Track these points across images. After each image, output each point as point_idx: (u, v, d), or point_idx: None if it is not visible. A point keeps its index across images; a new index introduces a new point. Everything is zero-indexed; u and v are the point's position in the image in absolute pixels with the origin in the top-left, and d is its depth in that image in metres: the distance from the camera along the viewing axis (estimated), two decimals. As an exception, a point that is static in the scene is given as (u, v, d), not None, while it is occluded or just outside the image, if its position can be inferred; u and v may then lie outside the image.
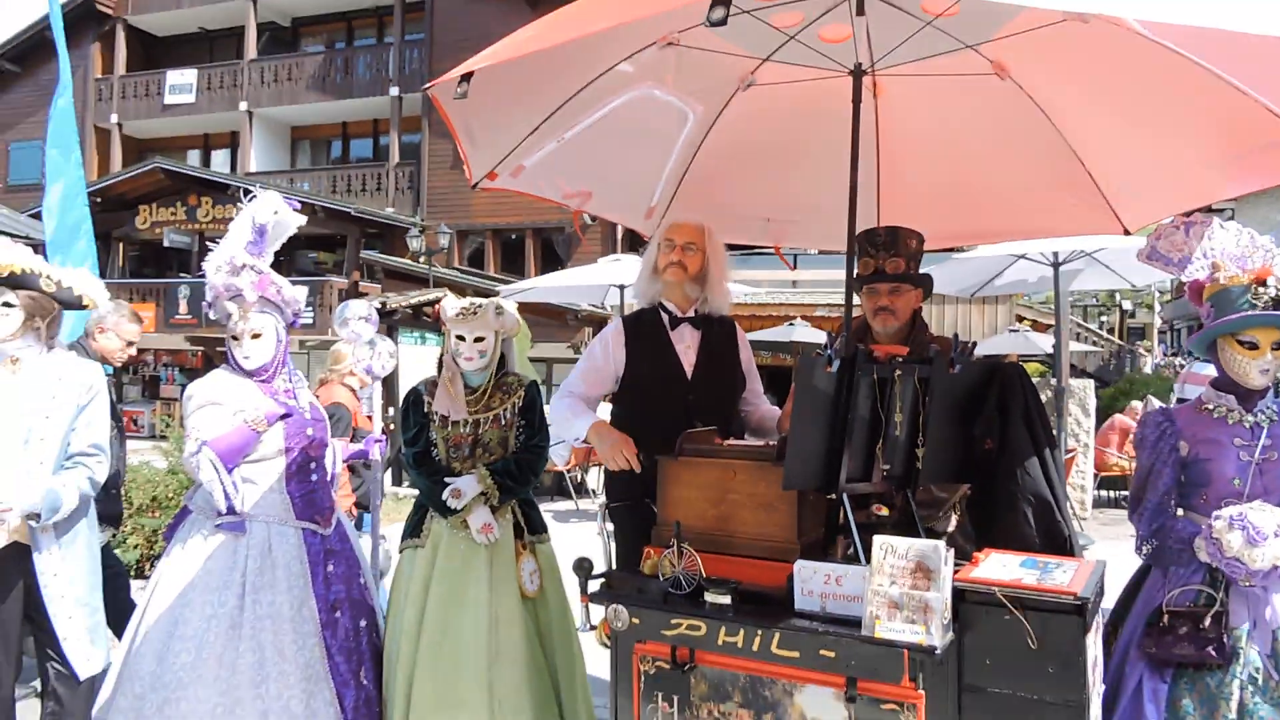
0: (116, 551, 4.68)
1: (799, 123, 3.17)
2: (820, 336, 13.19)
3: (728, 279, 3.10)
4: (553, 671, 3.19)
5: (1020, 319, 17.01)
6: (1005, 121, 2.97)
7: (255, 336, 3.14)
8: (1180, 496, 2.50)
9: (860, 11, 2.51)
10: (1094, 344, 23.98)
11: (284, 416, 3.12)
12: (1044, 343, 14.37)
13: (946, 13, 2.52)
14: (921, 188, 3.32)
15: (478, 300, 3.28)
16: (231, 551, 3.01)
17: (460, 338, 3.19)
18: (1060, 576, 1.96)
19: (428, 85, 2.44)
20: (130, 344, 4.15)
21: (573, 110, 2.86)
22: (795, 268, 4.08)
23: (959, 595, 1.97)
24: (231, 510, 3.01)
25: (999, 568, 2.05)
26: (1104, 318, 38.07)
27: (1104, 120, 2.78)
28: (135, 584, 4.88)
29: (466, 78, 2.27)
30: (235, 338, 3.13)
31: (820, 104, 2.96)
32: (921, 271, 2.94)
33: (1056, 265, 7.61)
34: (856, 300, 2.88)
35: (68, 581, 2.92)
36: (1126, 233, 2.94)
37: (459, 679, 2.95)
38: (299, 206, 3.28)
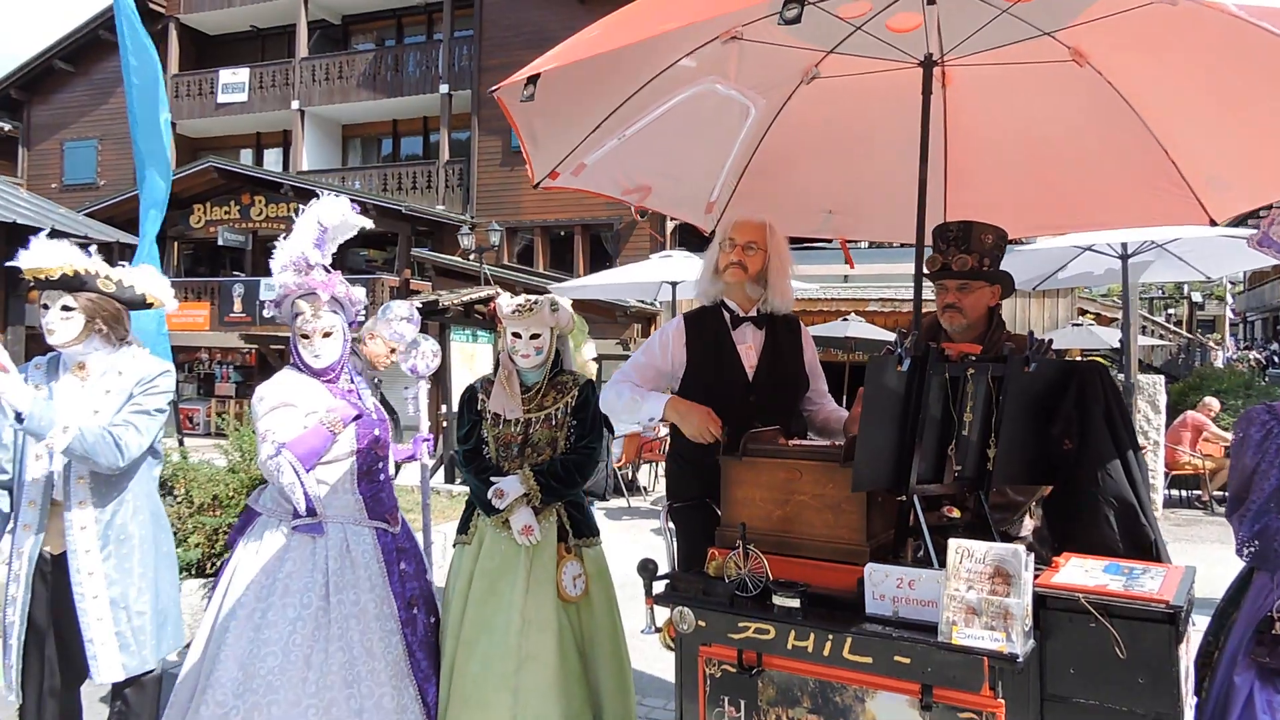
0: (178, 550, 4.77)
1: (863, 115, 3.13)
2: (874, 332, 13.05)
3: (791, 277, 3.06)
4: (594, 678, 3.19)
5: (1083, 312, 16.64)
6: (1083, 110, 2.89)
7: (326, 335, 3.18)
8: None
9: (931, 0, 2.46)
10: (1161, 338, 23.36)
11: (356, 418, 3.17)
12: (1109, 337, 14.04)
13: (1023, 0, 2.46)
14: (992, 179, 3.26)
15: (532, 297, 3.29)
16: (310, 553, 3.04)
17: (516, 335, 3.22)
18: (1149, 583, 1.91)
19: (494, 89, 2.45)
20: (394, 350, 4.30)
21: (634, 107, 2.86)
22: (854, 265, 4.00)
23: (1040, 601, 1.93)
24: (311, 512, 3.04)
25: (1081, 573, 2.00)
26: (1171, 310, 37.00)
27: (1191, 108, 2.69)
28: (197, 583, 5.01)
29: (533, 79, 2.27)
30: (306, 336, 3.16)
31: (886, 95, 2.91)
32: (995, 265, 2.87)
33: (1125, 257, 7.45)
34: (928, 295, 2.83)
35: (104, 582, 2.84)
36: (1213, 223, 2.85)
37: (486, 680, 2.98)
38: (359, 210, 3.33)
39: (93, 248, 2.93)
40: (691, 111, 3.00)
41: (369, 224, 3.34)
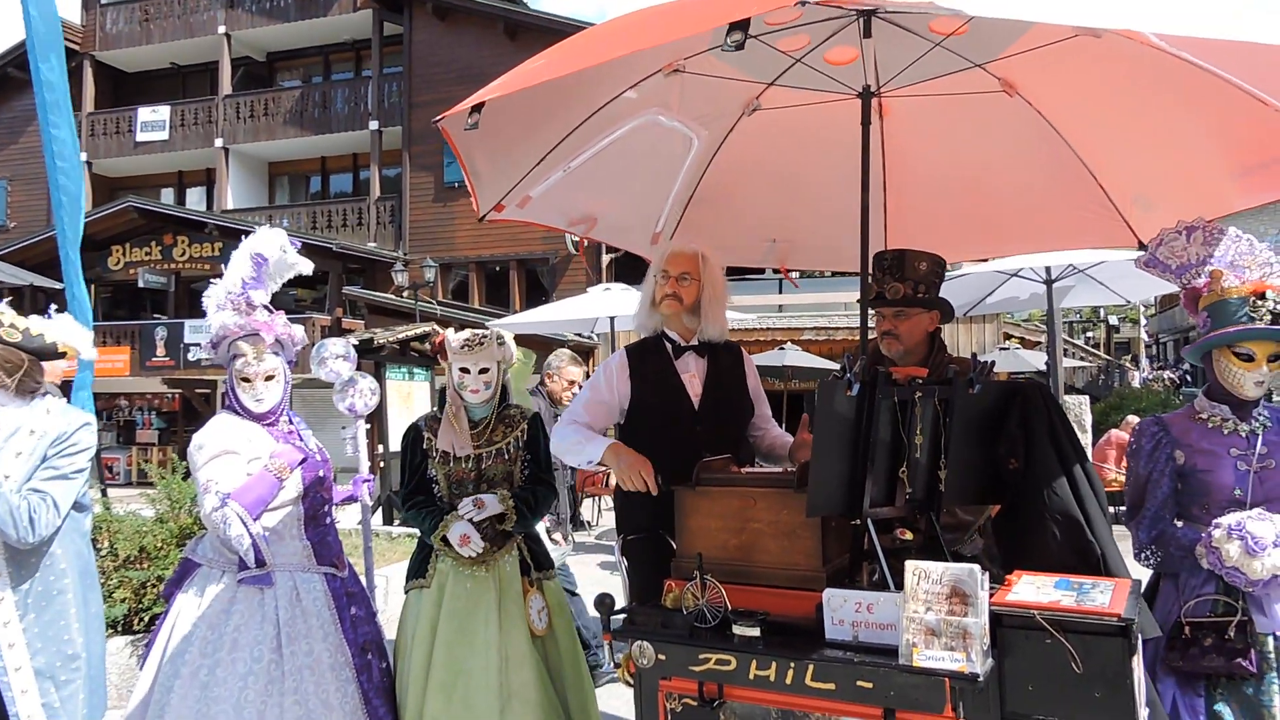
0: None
1: (804, 145, 3.20)
2: (811, 360, 13.25)
3: (726, 306, 3.09)
4: (566, 711, 3.15)
5: (1008, 336, 17.17)
6: (1014, 138, 3.00)
7: (269, 378, 3.10)
8: (1179, 505, 2.54)
9: (868, 34, 2.53)
10: (1082, 360, 24.20)
11: (302, 462, 3.08)
12: (1034, 359, 14.49)
13: (956, 33, 2.55)
14: (930, 206, 3.36)
15: (480, 331, 3.26)
16: (258, 604, 2.94)
17: (465, 370, 3.18)
18: (1099, 597, 1.94)
19: (437, 119, 2.44)
20: (572, 383, 4.44)
21: (578, 139, 2.88)
22: (797, 286, 4.12)
23: (995, 620, 1.95)
24: (260, 563, 2.94)
25: (1034, 590, 2.03)
26: (1089, 333, 38.41)
27: (1115, 133, 2.82)
28: (123, 639, 4.77)
29: (478, 108, 2.27)
30: (247, 379, 3.07)
31: (826, 126, 2.99)
32: (931, 291, 2.93)
33: (1049, 282, 7.70)
34: (873, 321, 2.88)
35: (27, 653, 2.69)
36: (1141, 245, 2.97)
37: None
38: (300, 247, 3.26)
39: (5, 299, 2.79)
40: (636, 143, 3.03)
41: (309, 266, 3.28)
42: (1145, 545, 2.54)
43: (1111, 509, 11.50)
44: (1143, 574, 2.45)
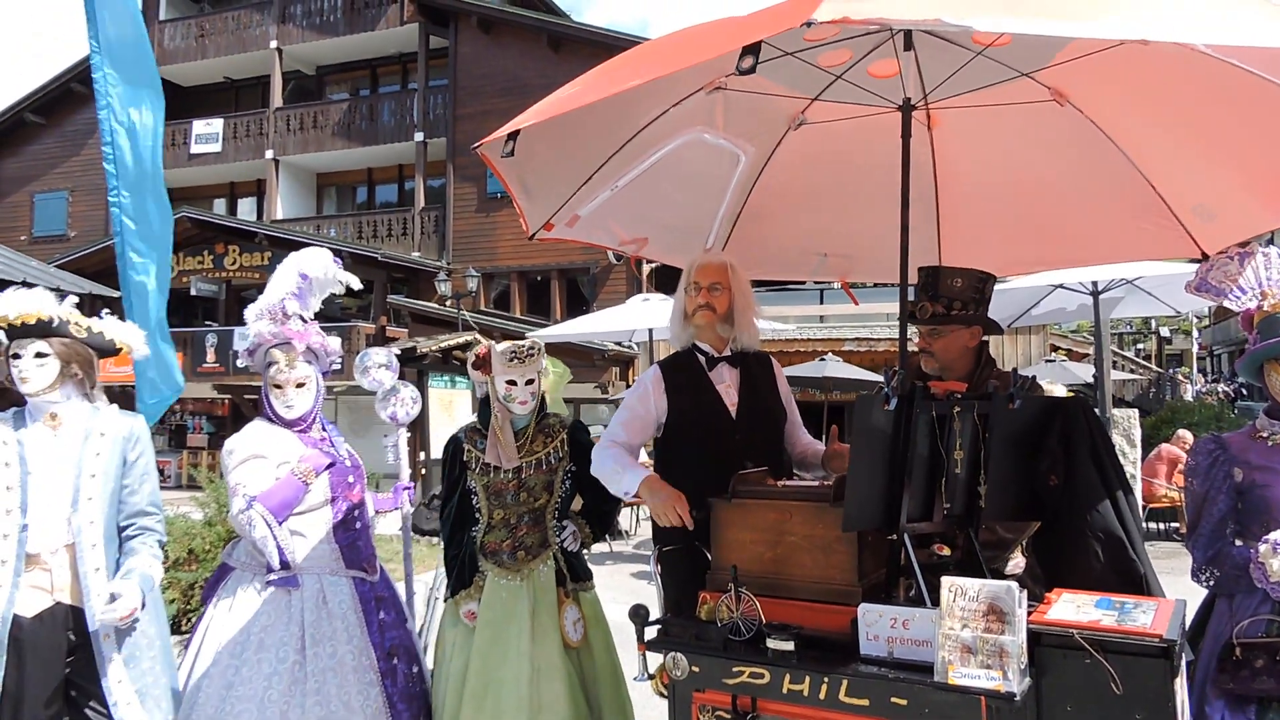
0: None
1: (852, 158, 3.18)
2: (852, 371, 13.13)
3: (756, 314, 3.10)
4: None
5: (1055, 348, 16.88)
6: (1068, 148, 2.96)
7: (300, 385, 3.17)
8: (1239, 525, 2.50)
9: (908, 46, 2.52)
10: (1132, 372, 23.70)
11: (329, 466, 3.14)
12: (1081, 372, 14.22)
13: (997, 43, 2.53)
14: (983, 218, 3.33)
15: (524, 343, 3.30)
16: (285, 606, 3.00)
17: (512, 382, 3.21)
18: (1141, 617, 1.91)
19: (476, 145, 2.48)
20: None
21: (623, 159, 2.91)
22: (858, 304, 4.10)
23: (1034, 638, 1.93)
24: (285, 565, 3.00)
25: (1073, 609, 2.00)
26: (1140, 345, 37.59)
27: (1173, 142, 2.76)
28: (174, 639, 4.88)
29: (513, 136, 2.30)
30: (279, 386, 3.15)
31: (873, 139, 2.97)
32: (969, 308, 2.90)
33: (1097, 294, 7.56)
34: (911, 333, 2.86)
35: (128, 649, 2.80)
36: (1204, 256, 2.90)
37: None
38: (341, 263, 3.33)
39: (70, 298, 2.89)
40: (682, 161, 3.05)
41: (355, 281, 3.35)
42: (1202, 565, 2.50)
43: (1159, 525, 11.25)
44: (1193, 594, 2.40)
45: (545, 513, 3.24)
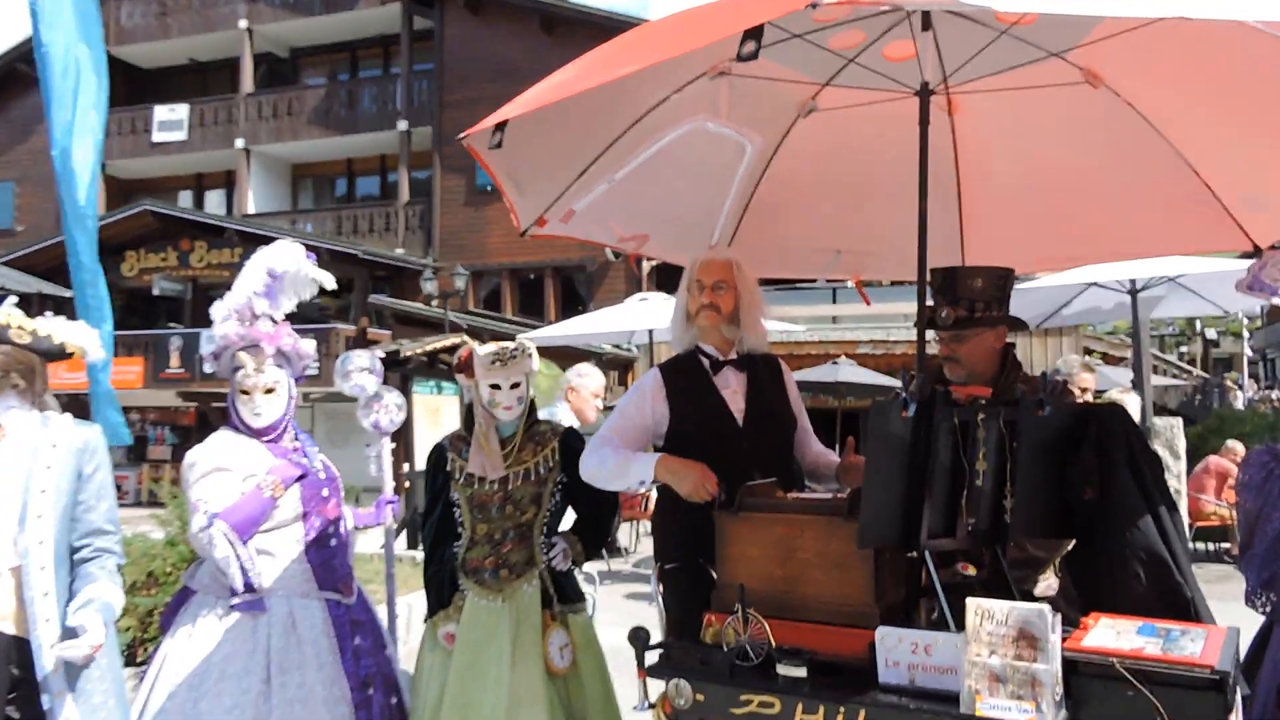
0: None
1: (869, 147, 3.19)
2: (866, 376, 13.14)
3: (763, 315, 3.11)
4: None
5: (1089, 351, 16.86)
6: (1103, 133, 2.95)
7: (269, 391, 3.17)
8: None
9: (926, 26, 2.53)
10: (1175, 378, 23.67)
11: (300, 478, 3.13)
12: (1118, 377, 14.19)
13: (1023, 20, 2.53)
14: (1010, 211, 3.33)
15: (508, 344, 3.30)
16: (250, 631, 2.98)
17: (495, 386, 3.21)
18: (1189, 645, 1.90)
19: (462, 135, 2.49)
20: (597, 395, 4.84)
21: (621, 150, 2.92)
22: (870, 304, 4.09)
23: (1069, 667, 1.91)
24: (249, 587, 2.99)
25: (1113, 635, 1.99)
26: (1184, 348, 37.53)
27: (1221, 125, 2.75)
28: (127, 672, 4.85)
29: (501, 126, 2.31)
30: (246, 392, 3.15)
31: (890, 126, 2.97)
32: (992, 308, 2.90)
33: (1135, 292, 7.56)
34: (930, 336, 2.86)
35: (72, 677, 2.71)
36: (1256, 249, 2.90)
37: None
38: (315, 260, 3.33)
39: (9, 298, 2.85)
40: (684, 152, 3.05)
41: (328, 279, 3.35)
42: (1257, 588, 2.48)
43: (1208, 545, 11.15)
44: (1247, 621, 2.39)
45: (532, 528, 3.24)
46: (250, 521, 2.99)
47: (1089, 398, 5.63)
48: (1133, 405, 5.93)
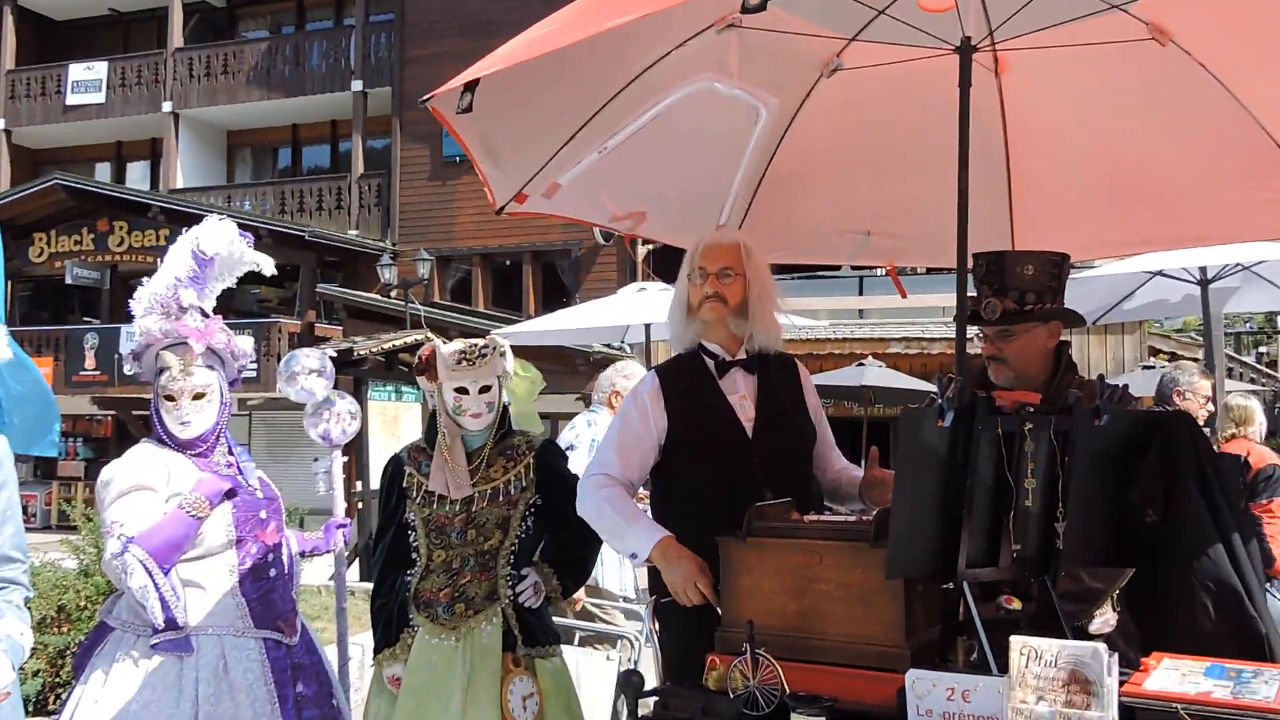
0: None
1: (903, 112, 3.20)
2: (898, 379, 13.17)
3: (776, 306, 3.11)
4: None
5: (1155, 352, 16.90)
6: (1172, 99, 2.97)
7: (198, 397, 3.17)
8: None
9: (968, -32, 2.55)
10: (1252, 381, 23.73)
11: (229, 495, 3.13)
12: (1188, 382, 14.25)
13: (1080, -36, 2.55)
14: (1064, 187, 3.35)
15: (477, 341, 3.30)
16: (175, 676, 2.98)
17: (462, 390, 3.22)
18: (1263, 689, 1.91)
19: (425, 98, 2.49)
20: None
21: (615, 114, 2.92)
22: (906, 296, 4.09)
23: (1128, 714, 1.93)
24: (172, 623, 2.98)
25: (1177, 677, 2.01)
26: (1263, 348, 37.66)
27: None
28: (33, 723, 4.87)
29: (471, 86, 2.31)
30: (171, 398, 3.15)
31: (928, 88, 2.98)
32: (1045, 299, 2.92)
33: (1206, 282, 7.58)
34: (972, 333, 2.88)
35: None
36: None
37: None
38: (253, 241, 3.33)
39: None
40: (687, 117, 3.06)
41: (268, 263, 3.35)
42: None
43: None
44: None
45: (496, 557, 3.25)
46: (171, 546, 2.99)
47: (1208, 411, 5.70)
48: (1257, 414, 6.01)
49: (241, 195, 22.77)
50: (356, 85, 21.84)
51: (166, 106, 23.11)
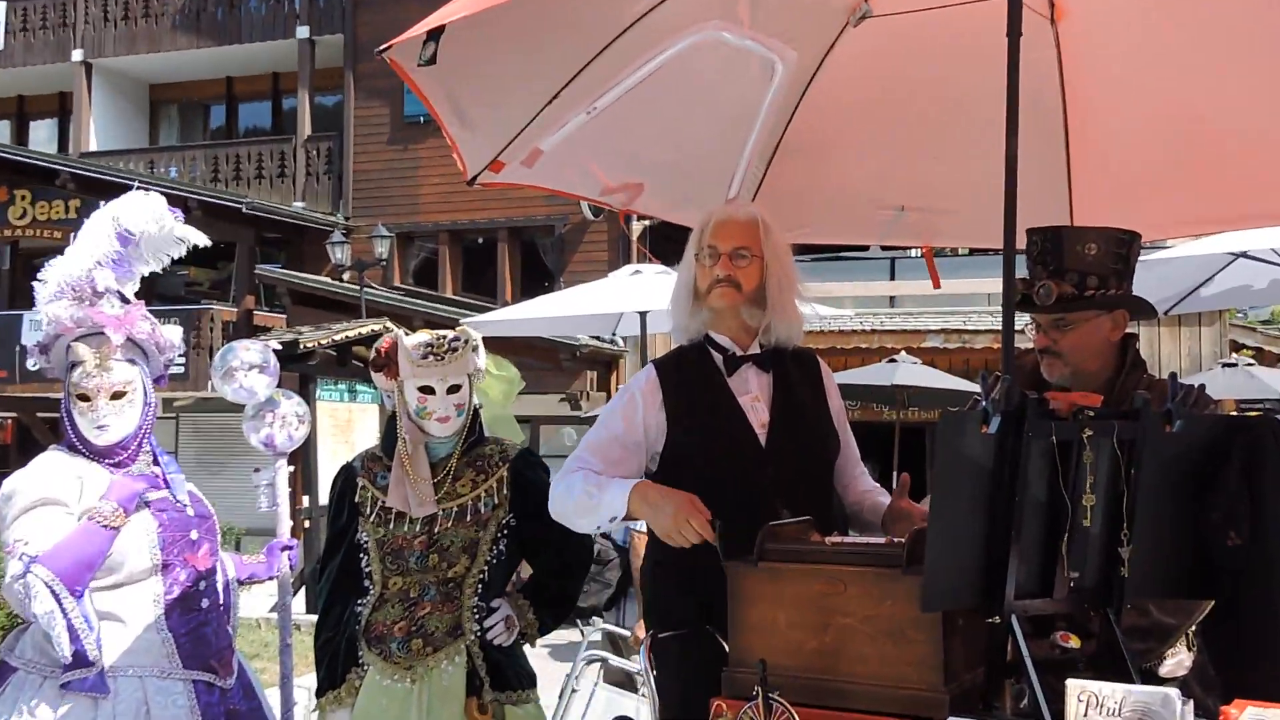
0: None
1: (942, 67, 3.21)
2: (936, 378, 13.18)
3: (798, 294, 3.11)
4: None
5: (1238, 347, 16.94)
6: (1265, 49, 2.96)
7: (117, 396, 3.17)
8: None
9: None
10: (1351, 383, 23.79)
11: (147, 504, 3.14)
12: (1274, 380, 14.28)
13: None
14: (1135, 155, 3.36)
15: (446, 333, 3.31)
16: None
17: (427, 390, 3.22)
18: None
19: (381, 48, 2.49)
20: None
21: (605, 69, 2.91)
22: (939, 284, 4.08)
23: (1203, 771, 1.94)
24: (81, 658, 2.97)
25: (1262, 728, 2.02)
26: (1363, 344, 37.78)
27: None
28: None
29: (436, 34, 2.30)
30: (85, 398, 3.15)
31: (971, 38, 2.98)
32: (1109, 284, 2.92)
33: (1297, 267, 7.61)
34: (1021, 324, 2.87)
35: None
36: None
37: None
38: (183, 216, 3.33)
39: None
40: (691, 72, 3.06)
41: (202, 238, 3.34)
42: None
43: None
44: None
45: (461, 586, 3.26)
46: (83, 565, 2.99)
47: None
48: None
49: (166, 160, 22.72)
50: (302, 32, 21.82)
51: (77, 55, 23.07)
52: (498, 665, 3.26)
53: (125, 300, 3.25)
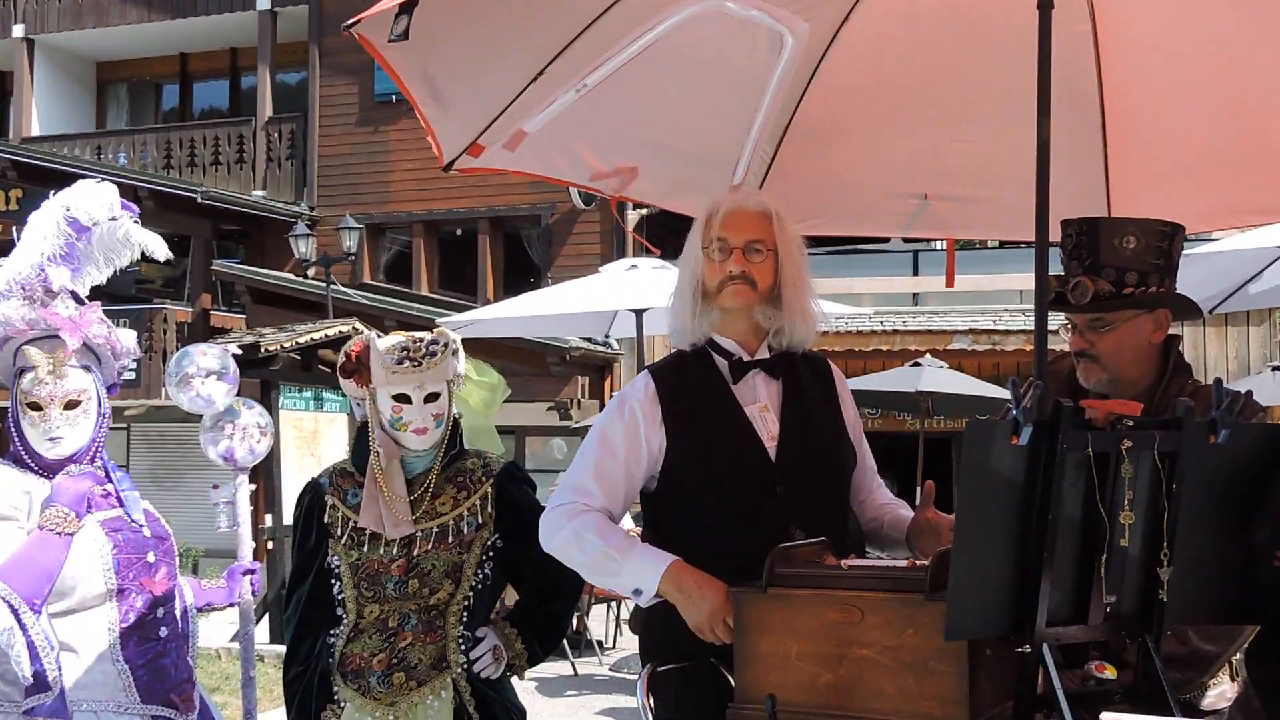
0: None
1: (969, 42, 3.21)
2: (963, 384, 13.19)
3: (812, 293, 3.11)
4: None
5: (1289, 349, 16.95)
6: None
7: (71, 405, 3.18)
8: None
9: None
10: None
11: (85, 507, 3.13)
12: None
13: None
14: (1179, 140, 3.36)
15: (423, 335, 3.31)
16: None
17: (403, 398, 3.23)
18: None
19: (349, 22, 2.49)
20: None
21: (595, 43, 2.90)
22: (953, 282, 4.05)
23: (1249, 811, 1.96)
24: (41, 680, 2.98)
25: (1314, 764, 2.04)
26: None
27: None
28: None
29: (408, 6, 2.31)
30: (35, 406, 3.16)
31: (1001, 10, 2.98)
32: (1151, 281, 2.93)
33: (1353, 261, 7.62)
34: (1056, 324, 2.88)
35: None
36: None
37: None
38: (138, 212, 3.34)
39: None
40: (690, 46, 3.06)
41: (159, 244, 3.35)
42: None
43: None
44: None
45: (445, 614, 3.26)
46: (42, 577, 3.01)
47: None
48: None
49: (115, 145, 22.65)
50: (263, 3, 21.75)
51: (17, 30, 23.02)
52: (486, 700, 3.26)
53: (80, 301, 3.25)
